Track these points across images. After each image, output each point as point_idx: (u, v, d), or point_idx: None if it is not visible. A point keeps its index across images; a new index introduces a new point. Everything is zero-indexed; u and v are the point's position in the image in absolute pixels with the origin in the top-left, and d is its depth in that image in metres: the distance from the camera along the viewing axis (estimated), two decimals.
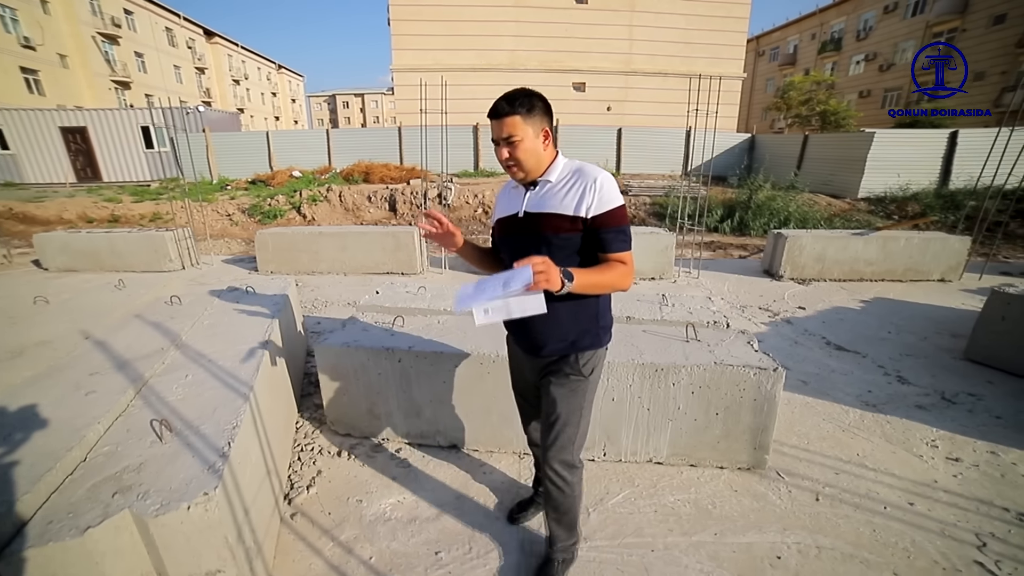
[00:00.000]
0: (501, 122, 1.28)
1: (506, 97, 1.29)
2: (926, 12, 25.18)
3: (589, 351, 1.43)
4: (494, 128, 1.31)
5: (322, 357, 2.31)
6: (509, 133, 1.28)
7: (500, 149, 1.32)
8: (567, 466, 1.49)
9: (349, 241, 5.74)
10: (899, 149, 10.17)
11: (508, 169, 1.36)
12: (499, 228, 1.49)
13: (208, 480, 1.33)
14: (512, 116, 1.27)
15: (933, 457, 2.35)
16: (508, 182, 1.50)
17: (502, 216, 1.46)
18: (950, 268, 5.41)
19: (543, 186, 1.37)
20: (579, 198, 1.31)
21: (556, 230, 1.32)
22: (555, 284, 1.13)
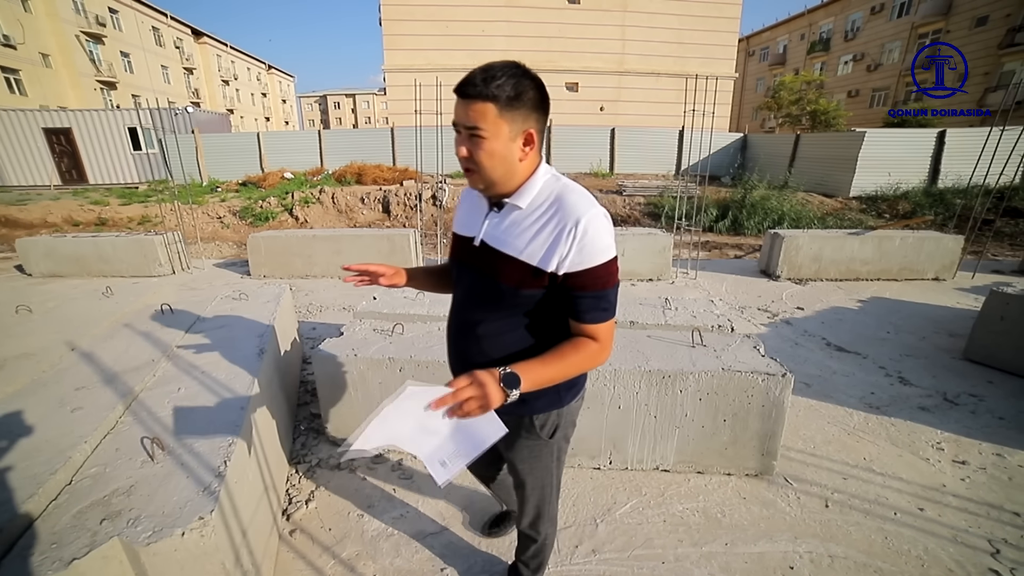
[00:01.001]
0: (468, 104, 0.90)
1: (485, 71, 0.89)
2: (911, 14, 25.62)
3: (545, 413, 1.14)
4: (456, 110, 0.92)
5: (320, 367, 2.24)
6: (474, 123, 0.90)
7: (457, 142, 0.95)
8: (539, 521, 1.35)
9: (344, 244, 5.65)
10: (889, 148, 10.27)
11: (465, 172, 0.98)
12: (454, 245, 1.16)
13: (203, 503, 1.26)
14: (485, 101, 0.89)
15: (940, 460, 2.33)
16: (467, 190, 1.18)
17: (460, 233, 1.14)
18: (944, 267, 5.45)
19: (509, 212, 1.02)
20: (551, 244, 0.95)
21: (514, 283, 0.99)
22: (495, 402, 0.86)
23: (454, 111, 0.94)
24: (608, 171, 13.76)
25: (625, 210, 10.08)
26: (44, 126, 14.64)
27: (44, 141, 14.72)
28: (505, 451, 1.22)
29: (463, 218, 1.15)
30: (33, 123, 14.60)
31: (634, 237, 5.51)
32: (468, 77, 0.90)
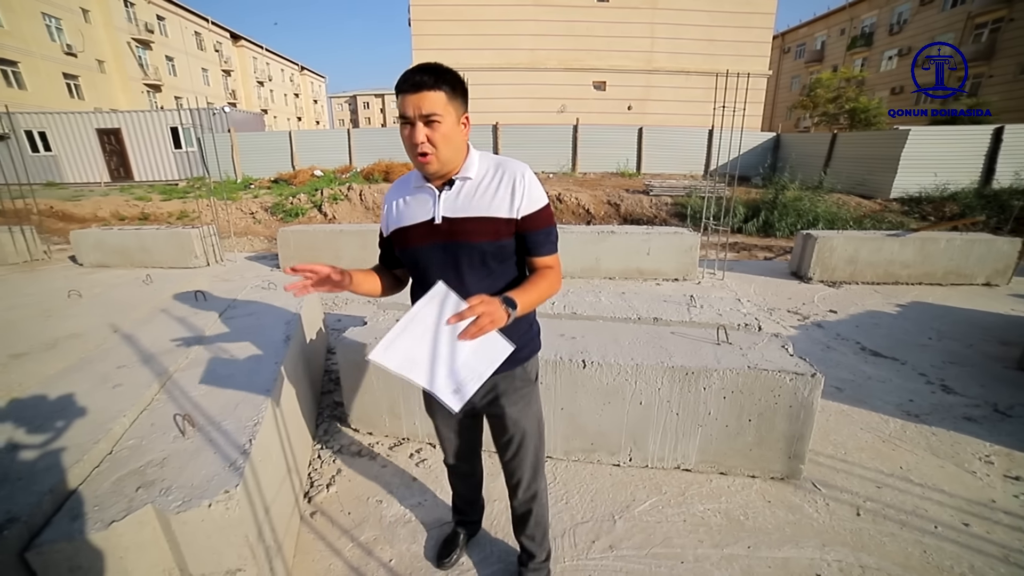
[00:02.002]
0: (421, 96, 1.03)
1: (426, 69, 1.04)
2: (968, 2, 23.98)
3: (531, 358, 1.35)
4: (409, 103, 1.04)
5: (343, 354, 2.29)
6: (431, 110, 1.04)
7: (416, 131, 1.05)
8: (536, 474, 1.44)
9: (369, 239, 5.76)
10: (936, 147, 9.74)
11: (420, 158, 1.09)
12: (404, 238, 1.22)
13: (229, 478, 1.31)
14: (437, 91, 1.04)
15: (988, 474, 2.19)
16: (400, 181, 1.26)
17: (409, 224, 1.20)
18: (996, 272, 5.12)
19: (462, 184, 1.16)
20: (509, 196, 1.15)
21: (494, 236, 1.15)
22: (501, 319, 0.98)
23: (403, 107, 1.06)
24: (635, 171, 13.58)
25: (652, 210, 9.92)
26: (97, 127, 15.54)
27: (97, 141, 15.64)
28: (507, 409, 1.32)
29: (403, 212, 1.23)
30: (88, 124, 15.53)
31: (660, 236, 5.41)
32: (414, 76, 1.04)
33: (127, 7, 25.27)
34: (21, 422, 1.52)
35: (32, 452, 1.36)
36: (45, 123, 15.34)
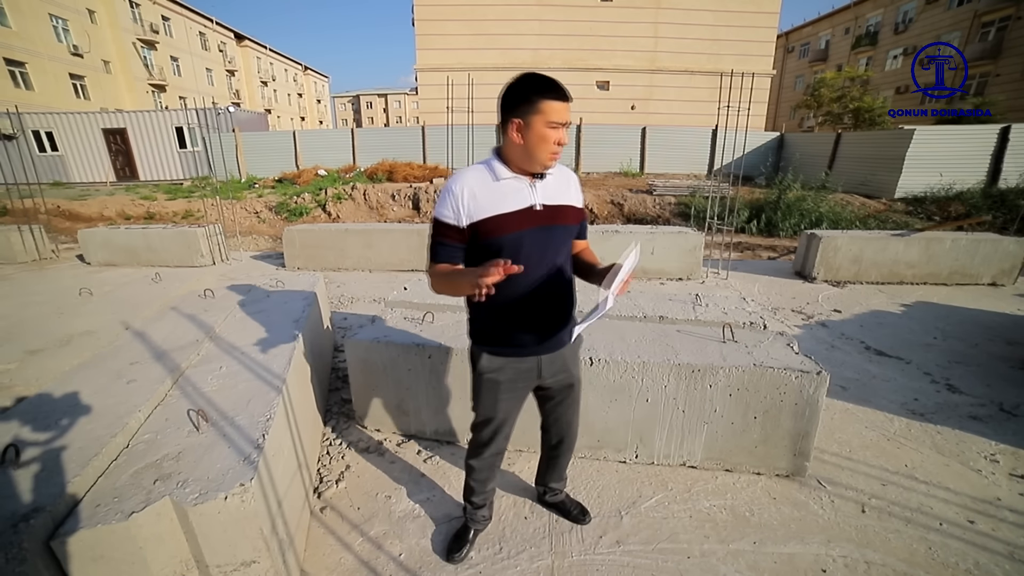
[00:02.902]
0: (566, 106, 1.25)
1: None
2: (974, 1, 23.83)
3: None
4: (559, 111, 1.23)
5: (352, 352, 2.31)
6: (568, 118, 1.27)
7: (560, 133, 1.27)
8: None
9: (375, 238, 5.79)
10: (942, 146, 9.70)
11: (553, 156, 1.30)
12: (499, 225, 1.30)
13: (244, 471, 1.33)
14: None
15: (994, 472, 2.20)
16: (473, 175, 1.32)
17: (506, 211, 1.31)
18: (1003, 272, 5.11)
19: (548, 177, 1.37)
20: (576, 190, 1.45)
21: (576, 220, 1.43)
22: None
23: (561, 113, 1.25)
24: (638, 171, 13.57)
25: (655, 210, 9.92)
26: (103, 127, 15.64)
27: (103, 141, 15.74)
28: (573, 372, 1.60)
29: (492, 202, 1.32)
30: (94, 124, 15.63)
31: (664, 235, 5.42)
32: (563, 88, 1.25)
33: (133, 8, 25.40)
34: (40, 416, 1.55)
35: (52, 445, 1.39)
36: (52, 123, 15.45)
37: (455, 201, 1.30)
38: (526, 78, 1.26)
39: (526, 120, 1.25)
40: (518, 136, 1.27)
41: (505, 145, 1.33)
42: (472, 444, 1.67)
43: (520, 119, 1.25)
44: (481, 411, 1.57)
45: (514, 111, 1.26)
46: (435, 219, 1.34)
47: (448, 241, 1.34)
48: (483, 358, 1.48)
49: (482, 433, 1.60)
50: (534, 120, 1.24)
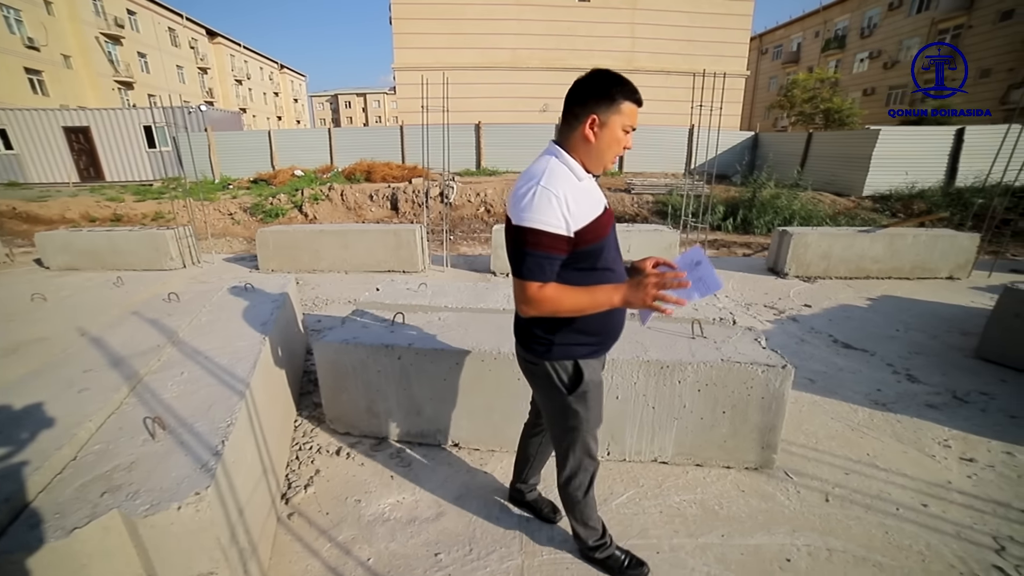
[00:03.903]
0: (638, 111, 1.24)
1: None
2: (931, 9, 24.97)
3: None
4: (635, 115, 1.22)
5: (321, 354, 2.27)
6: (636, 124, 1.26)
7: (629, 138, 1.24)
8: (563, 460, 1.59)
9: (350, 239, 5.70)
10: (905, 146, 10.07)
11: (613, 161, 1.29)
12: (596, 230, 1.23)
13: (200, 479, 1.29)
14: None
15: (946, 457, 2.29)
16: (560, 176, 1.19)
17: (596, 216, 1.24)
18: (959, 266, 5.33)
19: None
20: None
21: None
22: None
23: (635, 117, 1.23)
24: (617, 170, 13.70)
25: (633, 208, 10.04)
26: (64, 125, 15.00)
27: (64, 139, 15.09)
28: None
29: (584, 207, 1.22)
30: (54, 122, 14.97)
31: (640, 233, 5.49)
32: (638, 90, 1.21)
33: (95, 0, 24.41)
34: None
35: None
36: (5, 120, 14.70)
37: (561, 206, 1.15)
38: (608, 74, 1.19)
39: (604, 118, 1.19)
40: (591, 133, 1.19)
41: (572, 141, 1.23)
42: (581, 469, 1.48)
43: (598, 116, 1.18)
44: (588, 426, 1.41)
45: (592, 106, 1.18)
46: (536, 230, 1.14)
47: (556, 254, 1.17)
48: (586, 368, 1.34)
49: (587, 447, 1.45)
50: (612, 120, 1.19)
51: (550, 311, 1.21)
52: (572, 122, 1.21)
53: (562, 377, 1.35)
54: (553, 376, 1.35)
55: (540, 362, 1.35)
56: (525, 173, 1.23)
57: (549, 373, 1.35)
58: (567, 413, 1.39)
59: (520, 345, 1.42)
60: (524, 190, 1.17)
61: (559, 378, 1.35)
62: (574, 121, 1.21)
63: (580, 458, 1.47)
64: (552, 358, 1.33)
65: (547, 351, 1.33)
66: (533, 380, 1.44)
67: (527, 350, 1.38)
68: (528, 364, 1.41)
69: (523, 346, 1.40)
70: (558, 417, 1.42)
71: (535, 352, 1.35)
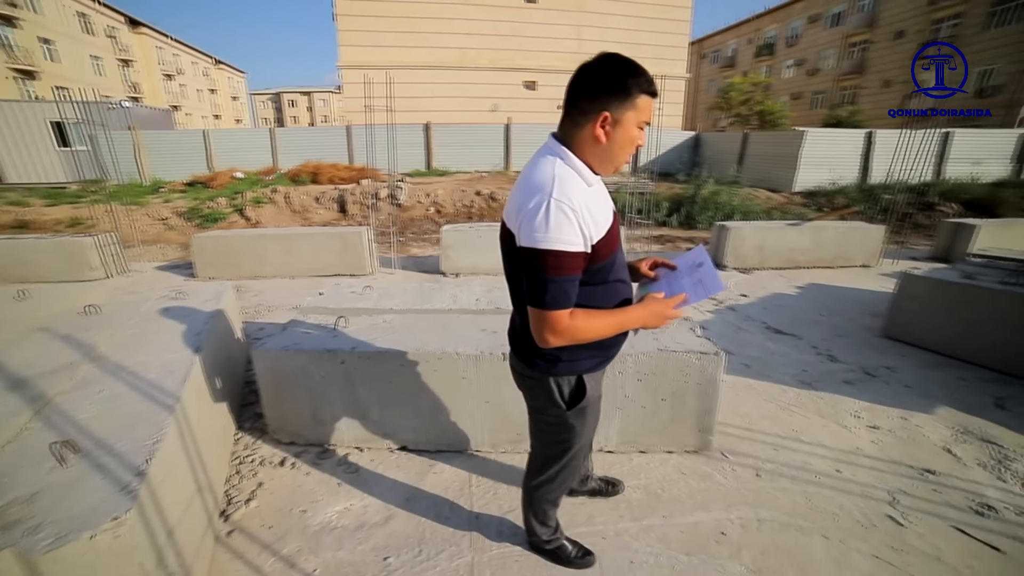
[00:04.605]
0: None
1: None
2: (843, 24, 27.46)
3: None
4: (650, 109, 1.07)
5: (260, 362, 2.18)
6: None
7: (643, 134, 1.09)
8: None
9: (295, 243, 5.48)
10: (827, 147, 10.95)
11: (625, 162, 1.14)
12: (611, 242, 1.13)
13: (119, 503, 1.21)
14: None
15: (857, 427, 2.53)
16: (570, 180, 1.05)
17: (609, 224, 1.13)
18: (870, 255, 5.88)
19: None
20: None
21: None
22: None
23: (651, 111, 1.07)
24: None
25: None
26: None
27: None
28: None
29: (599, 216, 1.09)
30: None
31: None
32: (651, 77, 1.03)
33: None
34: None
35: None
36: None
37: (580, 219, 1.01)
38: (621, 60, 1.02)
39: (618, 115, 1.02)
40: (603, 133, 1.04)
41: (578, 140, 1.07)
42: (552, 475, 1.44)
43: (610, 112, 1.02)
44: (582, 440, 1.37)
45: (604, 101, 1.01)
46: (556, 252, 1.00)
47: (577, 275, 1.05)
48: (589, 382, 1.27)
49: (575, 462, 1.43)
50: (627, 117, 1.03)
51: (575, 340, 1.11)
52: (579, 118, 1.05)
53: (563, 392, 1.27)
54: (555, 391, 1.26)
55: (543, 377, 1.26)
56: (528, 181, 1.07)
57: (551, 389, 1.26)
58: (561, 428, 1.33)
59: (520, 360, 1.31)
60: (534, 205, 1.01)
61: (560, 393, 1.27)
62: (581, 118, 1.05)
63: (562, 471, 1.44)
64: (557, 374, 1.24)
65: (552, 367, 1.23)
66: (530, 393, 1.35)
67: (529, 365, 1.27)
68: (527, 379, 1.31)
69: (524, 362, 1.28)
70: (550, 430, 1.36)
71: (538, 368, 1.25)
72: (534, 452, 1.49)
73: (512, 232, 1.10)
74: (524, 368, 1.30)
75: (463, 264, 5.52)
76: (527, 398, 1.39)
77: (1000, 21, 20.31)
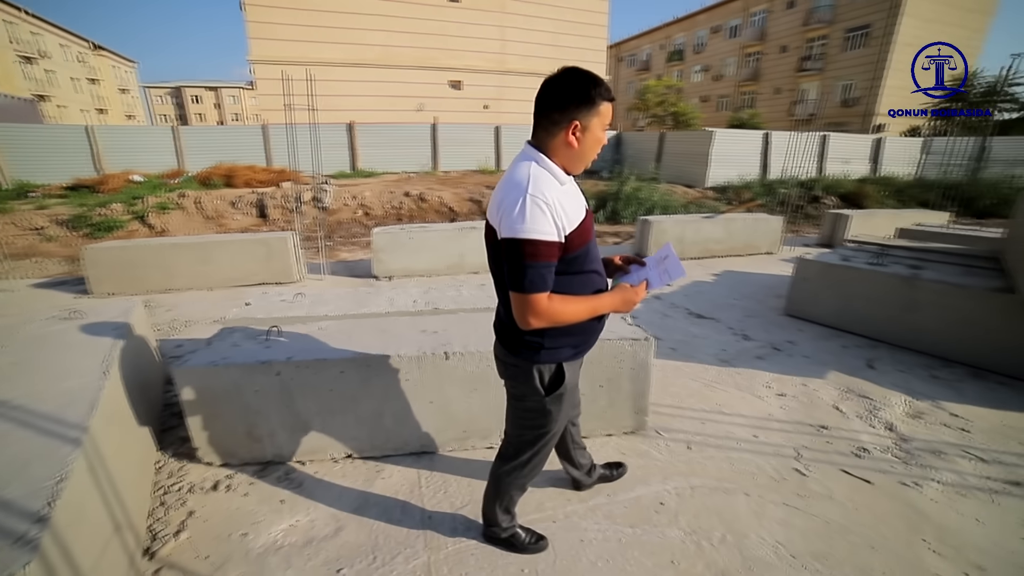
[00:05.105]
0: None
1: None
2: (740, 36, 30.60)
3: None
4: (609, 114, 1.20)
5: (184, 381, 2.01)
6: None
7: (605, 135, 1.26)
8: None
9: (212, 252, 5.04)
10: (733, 146, 12.04)
11: (594, 158, 1.28)
12: (584, 234, 1.24)
13: (14, 557, 1.07)
14: None
15: (768, 396, 2.86)
16: (544, 179, 1.19)
17: (582, 218, 1.25)
18: (772, 243, 6.59)
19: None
20: None
21: None
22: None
23: (611, 113, 1.21)
24: (495, 168, 14.10)
25: None
26: None
27: None
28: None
29: (571, 210, 1.21)
30: None
31: None
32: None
33: None
34: None
35: None
36: None
37: (553, 212, 1.14)
38: (584, 75, 1.15)
39: (586, 123, 1.17)
40: (574, 139, 1.18)
41: (551, 146, 1.21)
42: (525, 460, 1.54)
43: (579, 121, 1.16)
44: (556, 426, 1.47)
45: (574, 112, 1.15)
46: (533, 240, 1.13)
47: (553, 262, 1.18)
48: (568, 370, 1.38)
49: (547, 448, 1.53)
50: (594, 123, 1.18)
51: (554, 322, 1.22)
52: (551, 128, 1.19)
53: (544, 379, 1.37)
54: (535, 379, 1.37)
55: (526, 365, 1.36)
56: (508, 182, 1.21)
57: (532, 376, 1.37)
58: (539, 414, 1.43)
59: (505, 349, 1.41)
60: (511, 201, 1.15)
61: (540, 380, 1.37)
62: (553, 127, 1.19)
63: (533, 457, 1.54)
64: (539, 361, 1.35)
65: (536, 355, 1.34)
66: (512, 381, 1.45)
67: (514, 354, 1.37)
68: (510, 367, 1.42)
69: (509, 350, 1.39)
70: (528, 416, 1.46)
71: (523, 356, 1.36)
72: (508, 439, 1.59)
73: (495, 228, 1.23)
74: (509, 356, 1.41)
75: (396, 267, 5.41)
76: (508, 386, 1.49)
77: (854, 44, 23.96)
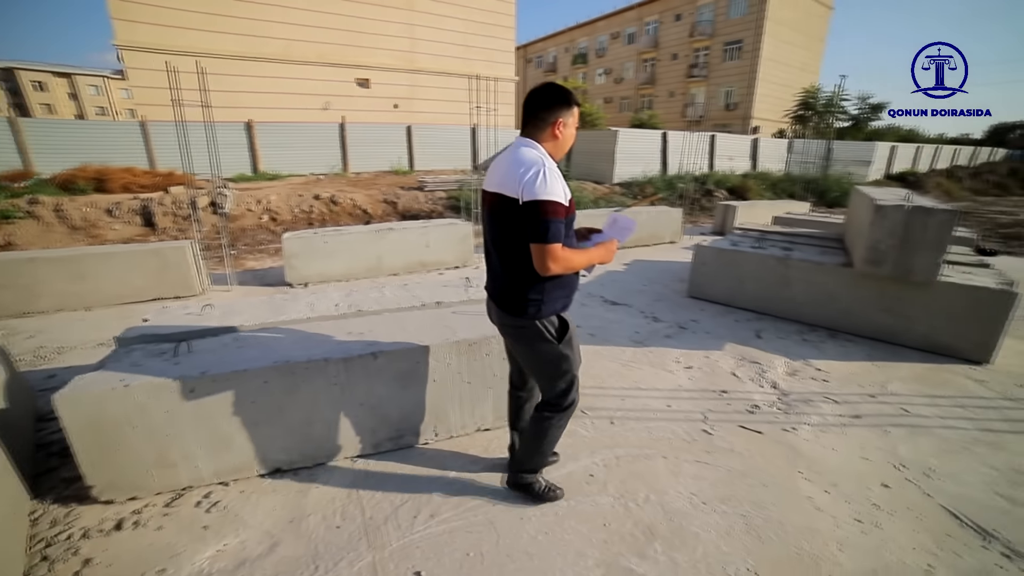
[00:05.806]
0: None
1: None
2: (636, 43, 33.14)
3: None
4: (577, 115, 1.62)
5: (71, 412, 1.77)
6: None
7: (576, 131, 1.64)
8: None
9: (88, 266, 4.39)
10: (635, 144, 13.00)
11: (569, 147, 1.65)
12: (573, 203, 1.57)
13: None
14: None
15: (678, 370, 3.21)
16: (551, 163, 1.53)
17: (570, 192, 1.57)
18: (674, 233, 7.29)
19: None
20: None
21: None
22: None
23: (578, 116, 1.62)
24: (408, 168, 13.84)
25: (428, 205, 10.35)
26: None
27: None
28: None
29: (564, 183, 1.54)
30: None
31: (437, 228, 5.78)
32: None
33: None
34: None
35: None
36: None
37: (561, 182, 1.49)
38: (562, 87, 1.58)
39: (566, 120, 1.56)
40: (559, 133, 1.57)
41: (541, 139, 1.58)
42: (567, 404, 1.78)
43: (563, 119, 1.56)
44: (574, 367, 1.74)
45: (558, 112, 1.54)
46: (553, 201, 1.44)
47: (563, 219, 1.48)
48: (564, 320, 1.68)
49: (575, 386, 1.78)
50: (571, 121, 1.58)
51: (566, 268, 1.52)
52: (540, 125, 1.56)
53: (551, 330, 1.65)
54: (544, 332, 1.64)
55: (531, 323, 1.62)
56: (519, 161, 1.50)
57: (540, 330, 1.64)
58: (560, 359, 1.70)
59: (509, 314, 1.65)
60: (532, 173, 1.45)
61: (549, 332, 1.65)
62: (542, 124, 1.56)
63: (573, 391, 1.80)
64: (542, 316, 1.62)
65: (538, 311, 1.61)
66: (523, 341, 1.69)
67: (520, 315, 1.62)
68: (518, 329, 1.67)
69: (514, 313, 1.64)
70: (552, 365, 1.71)
71: (528, 315, 1.61)
72: (546, 393, 1.81)
73: (503, 198, 1.51)
74: (515, 320, 1.65)
75: (311, 272, 5.15)
76: (522, 348, 1.74)
77: (731, 56, 27.49)
